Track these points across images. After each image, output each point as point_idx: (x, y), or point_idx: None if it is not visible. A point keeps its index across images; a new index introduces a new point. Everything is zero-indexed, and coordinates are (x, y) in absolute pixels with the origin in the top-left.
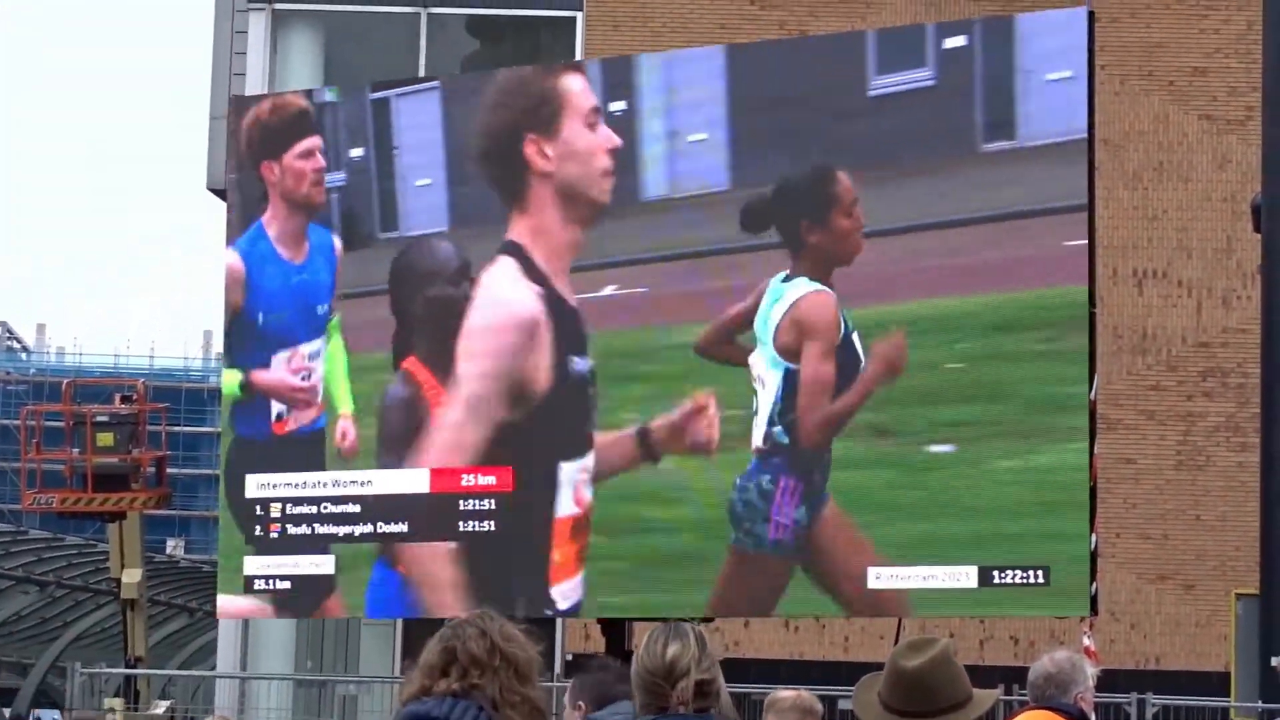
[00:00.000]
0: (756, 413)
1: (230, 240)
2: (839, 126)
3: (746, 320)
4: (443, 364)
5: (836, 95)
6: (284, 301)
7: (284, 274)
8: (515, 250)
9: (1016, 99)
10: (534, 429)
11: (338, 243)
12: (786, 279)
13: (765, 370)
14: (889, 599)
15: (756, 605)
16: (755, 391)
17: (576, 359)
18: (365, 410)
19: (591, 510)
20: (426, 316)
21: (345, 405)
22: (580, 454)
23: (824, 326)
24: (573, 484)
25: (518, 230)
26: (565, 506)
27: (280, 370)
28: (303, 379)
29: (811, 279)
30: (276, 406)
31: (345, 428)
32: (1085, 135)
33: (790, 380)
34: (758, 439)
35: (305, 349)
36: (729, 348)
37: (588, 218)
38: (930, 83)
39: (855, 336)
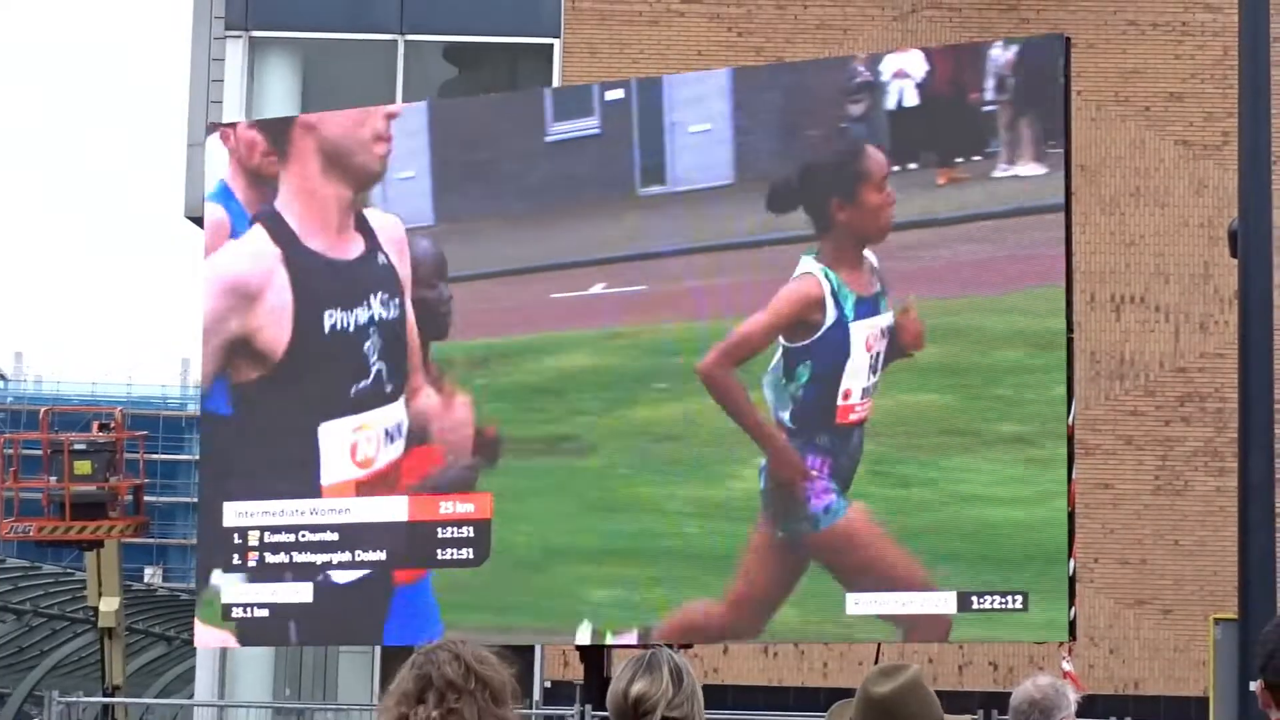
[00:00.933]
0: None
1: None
2: (521, 168)
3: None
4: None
5: (520, 140)
6: None
7: None
8: (266, 216)
9: (665, 148)
10: (277, 387)
11: None
12: (814, 258)
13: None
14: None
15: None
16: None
17: (340, 313)
18: None
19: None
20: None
21: None
22: (347, 412)
23: (805, 307)
24: (347, 443)
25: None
26: (339, 470)
27: None
28: None
29: (834, 263)
30: None
31: None
32: (731, 181)
33: (788, 356)
34: (773, 416)
35: None
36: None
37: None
38: (596, 131)
39: (854, 325)
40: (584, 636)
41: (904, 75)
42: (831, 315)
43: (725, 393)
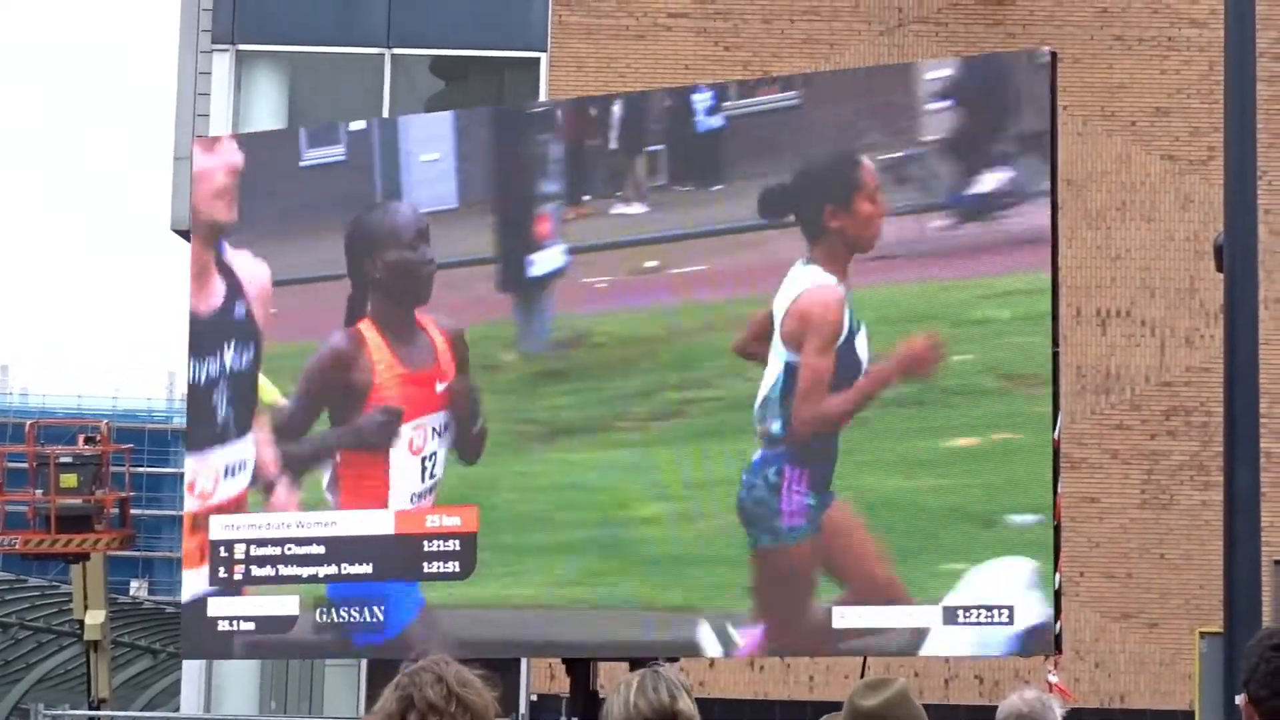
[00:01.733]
0: (758, 403)
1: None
2: (280, 192)
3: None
4: (399, 333)
5: (279, 167)
6: None
7: None
8: None
9: (401, 174)
10: None
11: None
12: (806, 263)
13: (771, 359)
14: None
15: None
16: (762, 381)
17: (197, 364)
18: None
19: None
20: (384, 280)
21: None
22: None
23: (823, 321)
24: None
25: None
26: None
27: None
28: None
29: (826, 268)
30: None
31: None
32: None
33: (791, 371)
34: (758, 426)
35: None
36: (763, 345)
37: None
38: (343, 158)
39: (861, 337)
40: (709, 641)
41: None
42: (845, 328)
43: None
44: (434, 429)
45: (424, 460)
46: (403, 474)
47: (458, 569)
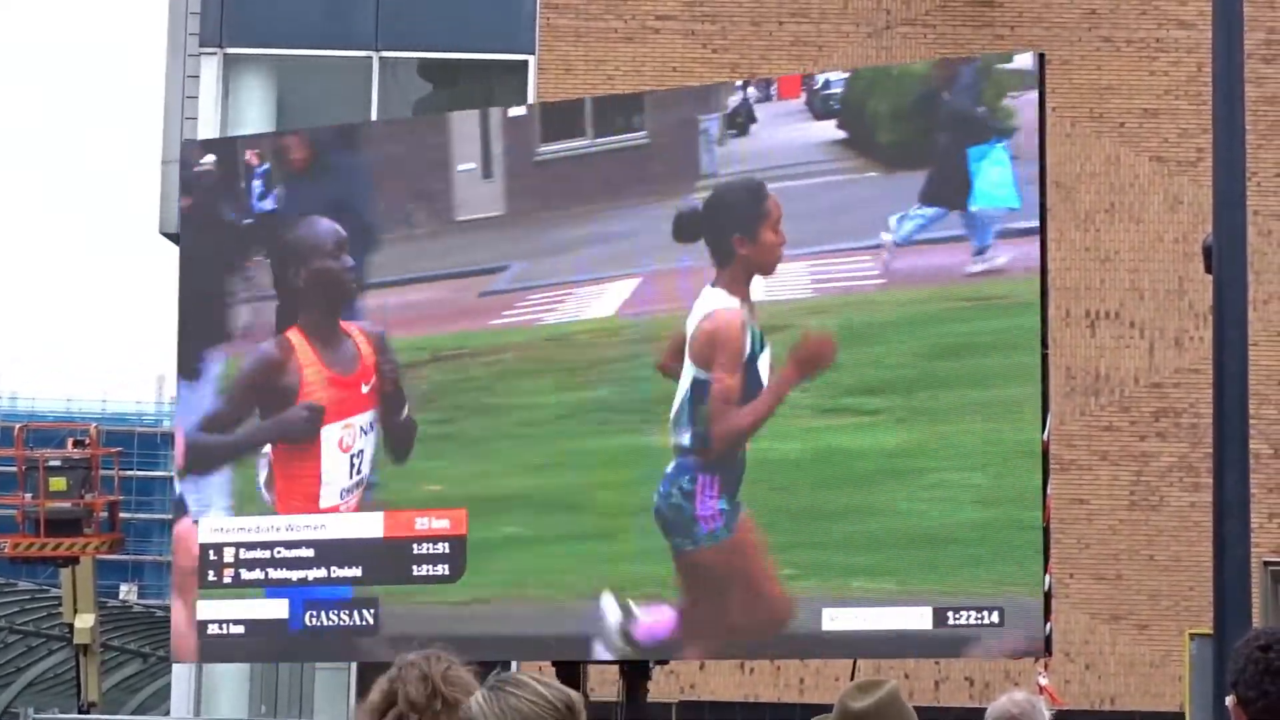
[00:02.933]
0: (673, 419)
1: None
2: None
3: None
4: (326, 340)
5: None
6: None
7: None
8: None
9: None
10: None
11: None
12: (713, 286)
13: (684, 374)
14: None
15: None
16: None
17: None
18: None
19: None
20: (309, 289)
21: None
22: None
23: (730, 341)
24: None
25: None
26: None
27: None
28: None
29: (730, 292)
30: None
31: None
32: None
33: (699, 388)
34: (672, 439)
35: None
36: (678, 362)
37: None
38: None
39: (764, 358)
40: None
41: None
42: (747, 349)
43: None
44: (361, 428)
45: (352, 458)
46: (333, 471)
47: (447, 572)
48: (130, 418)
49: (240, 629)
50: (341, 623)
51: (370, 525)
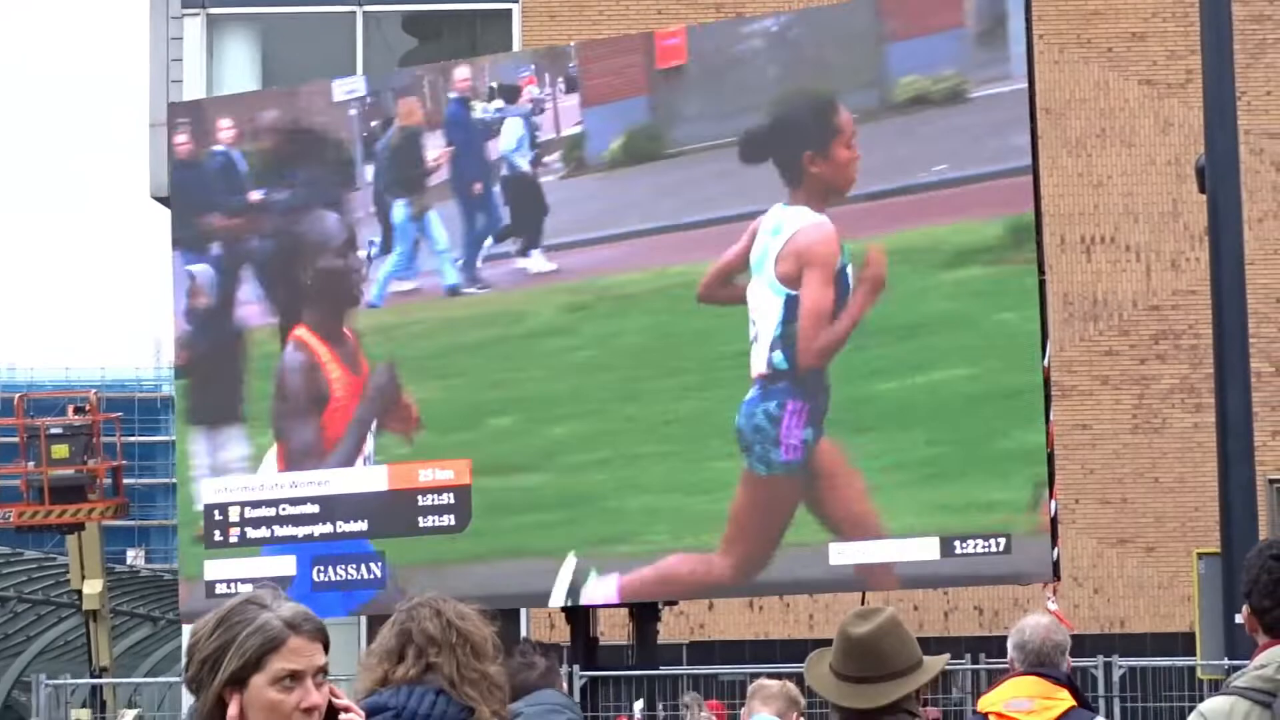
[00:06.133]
0: (756, 340)
1: None
2: None
3: (743, 261)
4: (333, 334)
5: None
6: None
7: None
8: None
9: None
10: None
11: None
12: (787, 206)
13: (765, 298)
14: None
15: (768, 536)
16: (753, 321)
17: None
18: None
19: None
20: (315, 287)
21: None
22: None
23: (823, 255)
24: None
25: None
26: None
27: None
28: None
29: (813, 208)
30: None
31: None
32: None
33: (791, 306)
34: (759, 365)
35: None
36: (728, 289)
37: None
38: None
39: (849, 268)
40: (567, 573)
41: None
42: (838, 262)
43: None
44: (372, 428)
45: (364, 460)
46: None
47: (453, 522)
48: (129, 383)
49: (248, 587)
50: (350, 577)
51: (375, 479)
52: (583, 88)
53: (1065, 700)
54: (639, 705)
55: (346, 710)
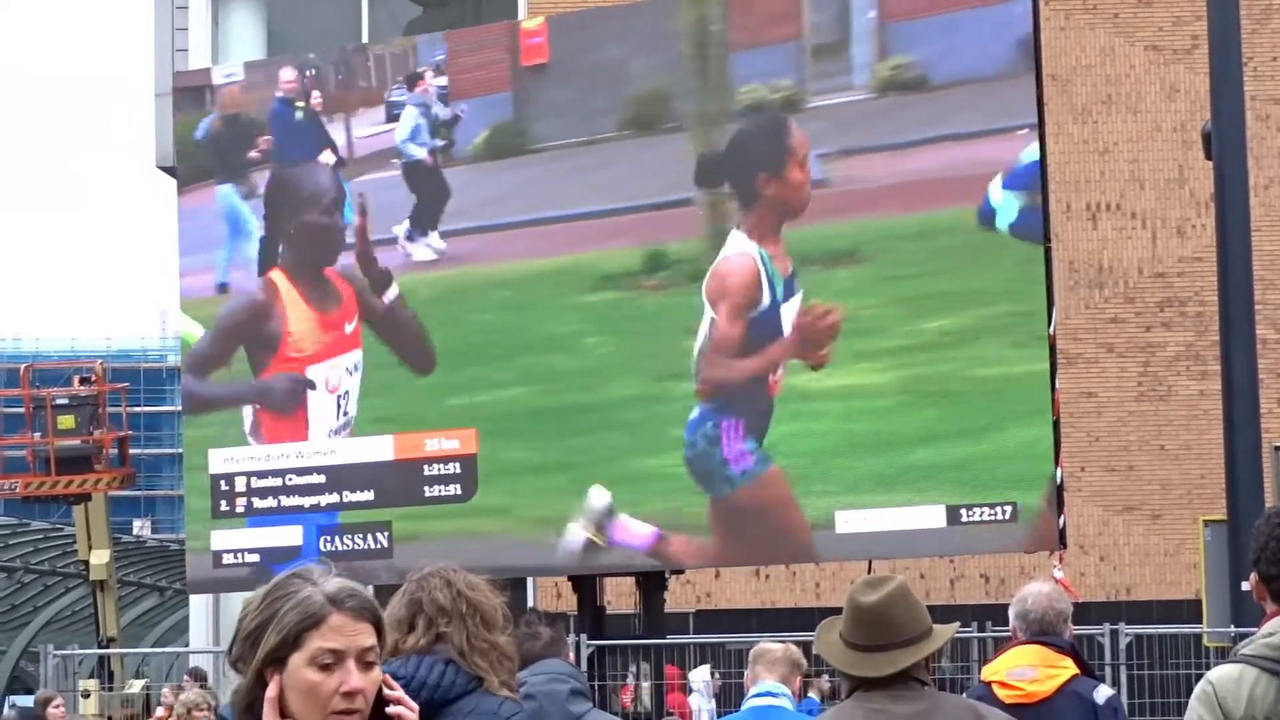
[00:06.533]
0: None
1: None
2: None
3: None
4: (310, 283)
5: None
6: None
7: None
8: None
9: None
10: None
11: None
12: (736, 229)
13: (704, 315)
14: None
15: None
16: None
17: None
18: None
19: None
20: (298, 238)
21: None
22: None
23: (737, 288)
24: None
25: None
26: None
27: None
28: None
29: (754, 237)
30: None
31: None
32: None
33: (710, 329)
34: (693, 383)
35: None
36: None
37: None
38: None
39: (791, 304)
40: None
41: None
42: (767, 298)
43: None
44: (347, 369)
45: (339, 399)
46: (320, 413)
47: (459, 491)
48: (135, 354)
49: (255, 557)
50: (356, 546)
51: (381, 449)
52: (451, 82)
53: (1069, 668)
54: (703, 670)
55: (398, 702)
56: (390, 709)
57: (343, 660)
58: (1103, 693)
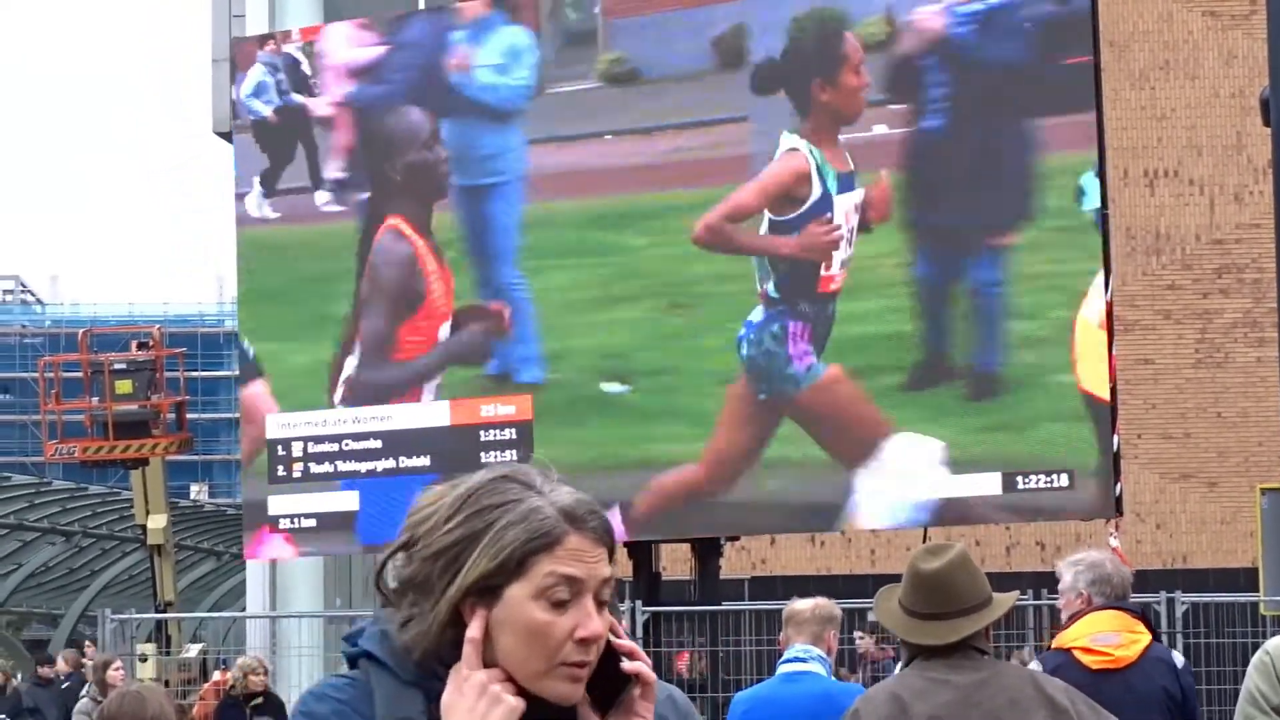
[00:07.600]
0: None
1: None
2: None
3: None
4: (426, 227)
5: None
6: None
7: None
8: None
9: None
10: None
11: None
12: (790, 133)
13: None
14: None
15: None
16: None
17: None
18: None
19: None
20: (405, 181)
21: None
22: None
23: (793, 187)
24: None
25: None
26: None
27: None
28: None
29: (811, 140)
30: None
31: None
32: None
33: (774, 229)
34: (759, 288)
35: None
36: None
37: None
38: None
39: (841, 200)
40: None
41: None
42: (817, 190)
43: (727, 246)
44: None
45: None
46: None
47: (516, 458)
48: (192, 319)
49: (313, 522)
50: None
51: (437, 414)
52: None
53: (1145, 635)
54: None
55: (631, 655)
56: (625, 664)
57: (580, 595)
58: (1179, 657)
